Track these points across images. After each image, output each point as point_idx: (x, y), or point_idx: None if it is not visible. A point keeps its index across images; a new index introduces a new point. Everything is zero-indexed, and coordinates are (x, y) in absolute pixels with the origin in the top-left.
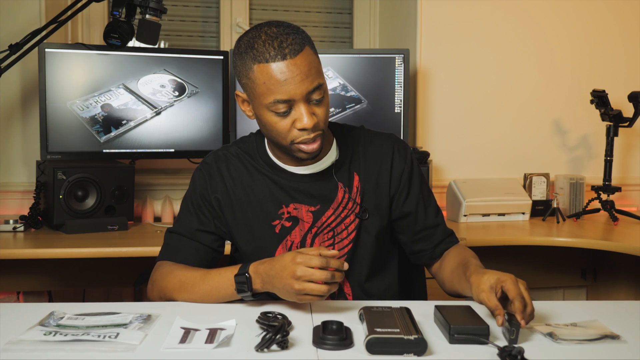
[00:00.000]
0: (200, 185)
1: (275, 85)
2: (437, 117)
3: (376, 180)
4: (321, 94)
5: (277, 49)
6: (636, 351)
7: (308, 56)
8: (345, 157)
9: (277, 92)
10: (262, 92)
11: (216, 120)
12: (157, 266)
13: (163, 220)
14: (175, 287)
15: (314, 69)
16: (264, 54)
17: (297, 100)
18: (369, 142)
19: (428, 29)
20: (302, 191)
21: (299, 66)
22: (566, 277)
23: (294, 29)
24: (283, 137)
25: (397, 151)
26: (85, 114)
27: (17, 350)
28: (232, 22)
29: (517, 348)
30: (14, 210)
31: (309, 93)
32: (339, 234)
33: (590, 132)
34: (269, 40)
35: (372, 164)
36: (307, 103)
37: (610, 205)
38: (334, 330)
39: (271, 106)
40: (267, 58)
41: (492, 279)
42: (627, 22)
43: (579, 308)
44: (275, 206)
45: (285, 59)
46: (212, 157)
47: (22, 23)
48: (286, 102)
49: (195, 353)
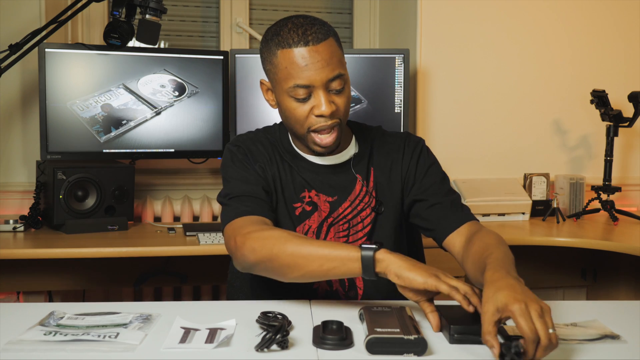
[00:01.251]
0: (241, 156)
1: (296, 70)
2: (437, 117)
3: (389, 174)
4: (341, 84)
5: (300, 35)
6: (636, 351)
7: (331, 46)
8: (363, 152)
9: (298, 77)
10: (284, 76)
11: (216, 120)
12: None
13: (163, 220)
14: (282, 237)
15: (336, 58)
16: (287, 39)
17: (317, 86)
18: (384, 141)
19: (428, 29)
20: (322, 181)
21: (320, 53)
22: (566, 277)
23: (321, 22)
24: (301, 124)
25: (407, 145)
26: (85, 114)
27: (17, 350)
28: (232, 22)
29: (515, 343)
30: (14, 210)
31: (328, 81)
32: (354, 226)
33: (590, 132)
34: (294, 28)
35: (385, 159)
36: (326, 91)
37: (610, 205)
38: (334, 330)
39: (291, 91)
40: (290, 43)
41: (501, 301)
42: (627, 22)
43: (579, 308)
44: (298, 189)
45: (307, 45)
46: (244, 137)
47: (22, 23)
48: (306, 87)
49: (195, 353)
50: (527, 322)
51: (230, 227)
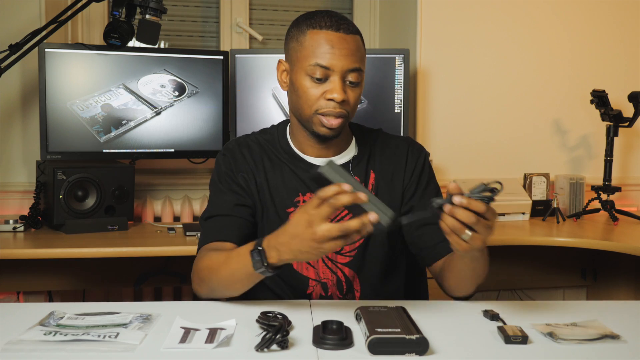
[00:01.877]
0: (225, 167)
1: (322, 50)
2: (437, 117)
3: (391, 179)
4: (358, 78)
5: (333, 21)
6: (636, 351)
7: (358, 41)
8: (363, 154)
9: (321, 57)
10: (307, 54)
11: (216, 120)
12: (198, 255)
13: (163, 220)
14: (206, 274)
15: (360, 53)
16: (320, 22)
17: (335, 71)
18: (386, 144)
19: (428, 29)
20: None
21: (348, 42)
22: (566, 277)
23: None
24: (310, 104)
25: (410, 152)
26: (85, 114)
27: (17, 350)
28: (232, 22)
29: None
30: (14, 210)
31: (348, 70)
32: None
33: (590, 132)
34: (328, 15)
35: (387, 164)
36: (342, 79)
37: (610, 205)
38: (334, 330)
39: (310, 69)
40: (322, 25)
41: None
42: (627, 22)
43: (579, 308)
44: (292, 194)
45: (338, 31)
46: (233, 143)
47: (22, 23)
48: (325, 68)
49: (195, 353)
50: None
51: (197, 256)
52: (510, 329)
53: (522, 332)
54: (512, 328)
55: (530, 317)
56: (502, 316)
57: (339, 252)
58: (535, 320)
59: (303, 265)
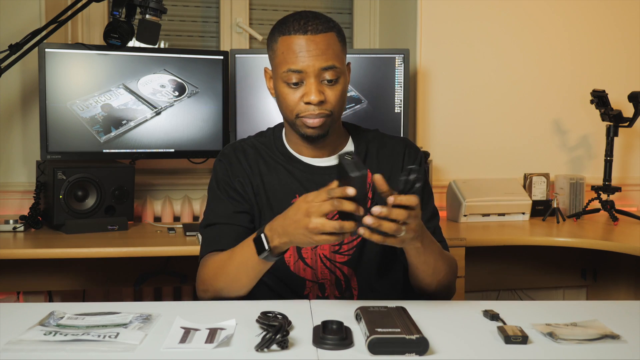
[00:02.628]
0: (222, 173)
1: (291, 55)
2: (437, 117)
3: (388, 179)
4: (334, 75)
5: (301, 25)
6: (636, 351)
7: (329, 39)
8: (359, 154)
9: (291, 62)
10: (280, 61)
11: (216, 120)
12: (201, 265)
13: (163, 220)
14: (211, 276)
15: (332, 50)
16: (288, 27)
17: (309, 73)
18: (383, 144)
19: (428, 29)
20: (316, 182)
21: (317, 43)
22: (566, 277)
23: (327, 18)
24: (291, 109)
25: (407, 153)
26: (85, 114)
27: (17, 350)
28: (232, 22)
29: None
30: (14, 210)
31: (321, 70)
32: None
33: (590, 132)
34: (298, 18)
35: (384, 164)
36: (318, 80)
37: (610, 205)
38: (334, 330)
39: (284, 76)
40: (289, 30)
41: None
42: (627, 22)
43: (579, 308)
44: (289, 196)
45: (305, 34)
46: (229, 148)
47: (22, 23)
48: (298, 72)
49: (195, 353)
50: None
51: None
52: (510, 329)
53: (522, 332)
54: (512, 328)
55: (530, 317)
56: (502, 316)
57: (337, 252)
58: (535, 320)
59: (300, 266)
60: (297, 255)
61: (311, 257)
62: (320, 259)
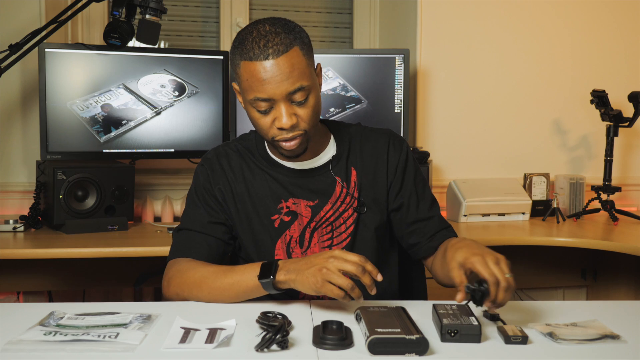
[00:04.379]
0: (203, 179)
1: (256, 83)
2: (437, 117)
3: (373, 175)
4: (304, 95)
5: (261, 48)
6: (636, 351)
7: (293, 57)
8: (342, 152)
9: (258, 91)
10: (245, 88)
11: (216, 120)
12: (170, 264)
13: (163, 220)
14: (195, 283)
15: (298, 70)
16: (249, 52)
17: (278, 99)
18: (366, 138)
19: (428, 29)
20: (301, 186)
21: (280, 67)
22: (566, 277)
23: (288, 28)
24: (265, 133)
25: (392, 145)
26: (85, 114)
27: (17, 350)
28: (232, 22)
29: (482, 287)
30: (14, 210)
31: (289, 94)
32: (337, 227)
33: (590, 132)
34: (257, 38)
35: (369, 159)
36: (288, 103)
37: (610, 205)
38: (334, 330)
39: (253, 103)
40: (251, 56)
41: (461, 256)
42: (627, 22)
43: (579, 308)
44: (275, 201)
45: (267, 59)
46: (212, 153)
47: (22, 23)
48: (266, 100)
49: (195, 353)
50: (485, 268)
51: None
52: (510, 329)
53: (522, 332)
54: (512, 328)
55: (530, 317)
56: (502, 316)
57: None
58: (535, 320)
59: None
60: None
61: None
62: None
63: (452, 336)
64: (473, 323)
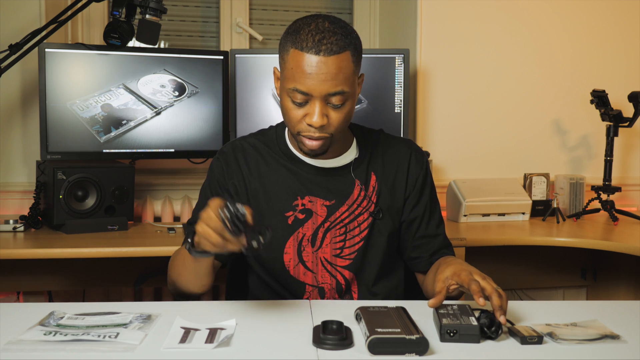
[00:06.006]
0: (217, 173)
1: (300, 74)
2: (437, 117)
3: (392, 183)
4: (341, 100)
5: (316, 42)
6: (636, 351)
7: (342, 61)
8: (364, 156)
9: (299, 82)
10: (288, 75)
11: (216, 120)
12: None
13: (163, 220)
14: (171, 266)
15: (343, 75)
16: (302, 41)
17: (315, 96)
18: (388, 145)
19: (428, 29)
20: (319, 184)
21: (328, 66)
22: (566, 277)
23: (346, 31)
24: (292, 125)
25: (414, 157)
26: (85, 114)
27: (17, 350)
28: (232, 22)
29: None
30: (14, 210)
31: (328, 95)
32: (351, 230)
33: (590, 132)
34: (313, 31)
35: (389, 166)
36: (324, 103)
37: (610, 205)
38: (334, 330)
39: (290, 92)
40: (303, 47)
41: (450, 271)
42: (627, 22)
43: (579, 308)
44: (290, 197)
45: (318, 54)
46: (229, 147)
47: (22, 23)
48: (304, 94)
49: (195, 353)
50: (474, 282)
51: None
52: (525, 330)
53: (536, 332)
54: (526, 328)
55: (530, 317)
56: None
57: (339, 255)
58: (535, 320)
59: (300, 270)
60: (298, 259)
61: (312, 261)
62: (322, 262)
63: (451, 336)
64: (472, 323)
